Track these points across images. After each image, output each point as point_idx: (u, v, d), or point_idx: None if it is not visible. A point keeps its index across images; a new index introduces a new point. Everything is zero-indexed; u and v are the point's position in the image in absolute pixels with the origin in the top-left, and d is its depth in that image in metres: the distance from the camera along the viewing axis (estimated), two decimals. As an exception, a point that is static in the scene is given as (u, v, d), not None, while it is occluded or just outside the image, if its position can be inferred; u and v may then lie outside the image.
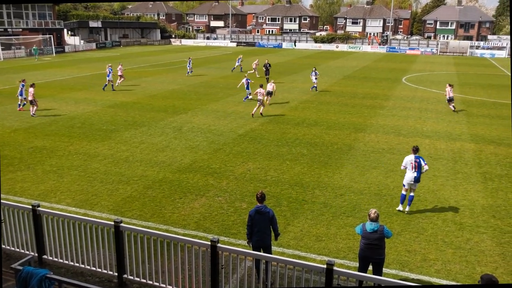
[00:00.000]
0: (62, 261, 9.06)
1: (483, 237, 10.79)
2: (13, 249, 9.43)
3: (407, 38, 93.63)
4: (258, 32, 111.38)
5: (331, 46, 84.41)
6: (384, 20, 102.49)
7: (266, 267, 7.72)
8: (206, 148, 17.74)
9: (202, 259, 7.91)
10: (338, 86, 34.73)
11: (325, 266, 6.94)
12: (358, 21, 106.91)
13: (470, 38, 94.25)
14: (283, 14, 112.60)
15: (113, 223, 8.26)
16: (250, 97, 27.34)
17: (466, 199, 13.03)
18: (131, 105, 25.99)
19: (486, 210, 12.31)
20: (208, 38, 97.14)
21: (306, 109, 25.62)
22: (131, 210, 12.00)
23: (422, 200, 12.90)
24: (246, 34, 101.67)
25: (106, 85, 31.02)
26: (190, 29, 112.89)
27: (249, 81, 27.52)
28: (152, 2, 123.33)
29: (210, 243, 7.64)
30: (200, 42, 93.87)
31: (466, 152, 17.78)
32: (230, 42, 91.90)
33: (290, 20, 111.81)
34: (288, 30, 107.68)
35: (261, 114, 23.31)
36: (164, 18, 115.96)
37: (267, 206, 8.68)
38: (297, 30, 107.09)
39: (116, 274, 8.62)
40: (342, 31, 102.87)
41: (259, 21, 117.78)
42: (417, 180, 11.83)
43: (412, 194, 12.00)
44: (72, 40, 74.24)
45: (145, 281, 8.44)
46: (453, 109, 25.56)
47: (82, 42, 75.46)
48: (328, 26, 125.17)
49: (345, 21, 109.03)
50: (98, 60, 54.39)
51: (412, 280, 8.95)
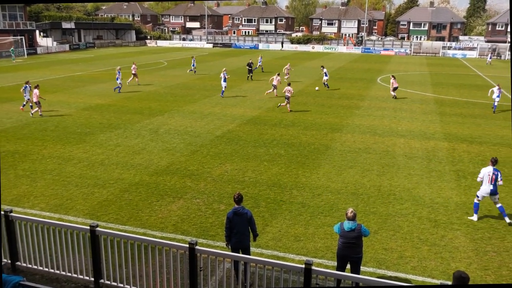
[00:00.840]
0: (36, 267, 8.87)
1: (457, 233, 11.03)
2: (-16, 256, 9.18)
3: (382, 39, 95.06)
4: (234, 33, 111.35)
5: (307, 47, 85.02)
6: (358, 21, 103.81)
7: (245, 268, 7.72)
8: (183, 150, 17.63)
9: (180, 262, 7.85)
10: (314, 87, 34.95)
11: (303, 266, 6.97)
12: (333, 22, 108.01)
13: (442, 39, 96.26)
14: (259, 15, 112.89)
15: (88, 228, 8.13)
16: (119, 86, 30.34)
17: (440, 197, 13.29)
18: (106, 107, 25.63)
19: (459, 207, 12.58)
20: (184, 39, 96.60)
21: (283, 109, 25.72)
22: (107, 214, 11.83)
23: (398, 198, 13.10)
24: (222, 35, 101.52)
25: (117, 87, 30.74)
26: (166, 30, 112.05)
27: (226, 75, 29.60)
28: (126, 3, 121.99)
29: (188, 246, 7.59)
30: (176, 43, 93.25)
31: (439, 150, 18.13)
32: (206, 43, 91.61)
33: (266, 21, 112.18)
34: (264, 31, 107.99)
35: (288, 110, 25.00)
36: (139, 19, 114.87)
37: (245, 207, 8.68)
38: (273, 31, 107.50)
39: (92, 279, 8.48)
40: (318, 32, 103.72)
41: (235, 22, 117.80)
42: (493, 193, 11.51)
43: (498, 205, 11.66)
44: (44, 41, 72.72)
45: (122, 285, 8.32)
46: (394, 96, 30.07)
47: (55, 43, 73.99)
48: (304, 27, 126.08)
49: (320, 22, 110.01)
50: (71, 61, 53.47)
51: (389, 277, 9.07)
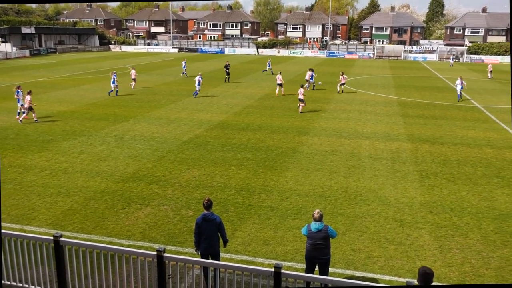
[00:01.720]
0: (-3, 281, 8.53)
1: (422, 232, 11.30)
2: None
3: (345, 43, 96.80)
4: (200, 38, 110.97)
5: (273, 51, 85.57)
6: (323, 25, 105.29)
7: (214, 274, 7.66)
8: (150, 156, 17.39)
9: (148, 270, 7.72)
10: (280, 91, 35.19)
11: (273, 270, 6.99)
12: (298, 26, 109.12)
13: (403, 43, 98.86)
14: (225, 20, 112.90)
15: (52, 238, 7.89)
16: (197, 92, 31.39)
17: (405, 197, 13.60)
18: (69, 114, 25.02)
19: (423, 206, 12.91)
20: (149, 44, 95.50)
21: (250, 114, 25.78)
22: (72, 223, 11.52)
23: (365, 199, 13.32)
24: (188, 40, 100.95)
25: (112, 91, 31.51)
26: (130, 35, 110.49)
27: (201, 79, 31.52)
28: (89, 8, 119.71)
29: (156, 253, 7.48)
30: (141, 48, 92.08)
31: (403, 151, 18.57)
32: (172, 48, 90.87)
33: (232, 26, 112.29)
34: (230, 36, 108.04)
35: (300, 112, 26.31)
36: (102, 24, 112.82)
37: (214, 213, 8.63)
38: (239, 36, 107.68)
39: (57, 291, 8.22)
40: (283, 37, 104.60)
41: (201, 27, 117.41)
42: None
43: None
44: (3, 47, 70.34)
45: (88, 296, 8.10)
46: (340, 90, 34.29)
47: (14, 49, 71.68)
48: (269, 32, 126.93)
49: (285, 26, 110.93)
50: (32, 67, 51.95)
51: (357, 278, 9.20)
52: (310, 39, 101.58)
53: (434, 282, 6.89)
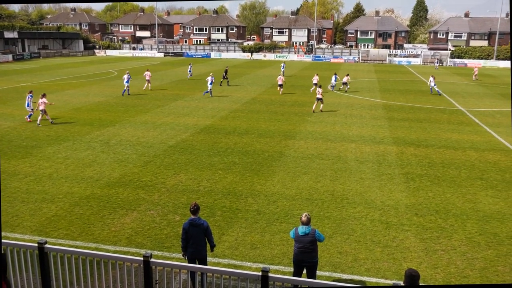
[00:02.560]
0: (-20, 289, 8.38)
1: (408, 234, 11.40)
2: None
3: (331, 47, 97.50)
4: (185, 42, 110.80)
5: (259, 55, 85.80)
6: (308, 29, 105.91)
7: (201, 279, 7.63)
8: (136, 161, 17.27)
9: (135, 276, 7.66)
10: (267, 95, 35.33)
11: (260, 274, 6.98)
12: (284, 30, 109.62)
13: (388, 47, 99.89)
14: (210, 24, 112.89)
15: (36, 245, 7.77)
16: (207, 92, 33.46)
17: (391, 199, 13.71)
18: (54, 119, 24.73)
19: (409, 209, 13.03)
20: (134, 49, 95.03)
21: (236, 118, 25.79)
22: (57, 229, 11.38)
23: (351, 202, 13.40)
24: (173, 44, 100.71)
25: (125, 90, 33.96)
26: (115, 39, 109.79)
27: (213, 79, 33.76)
28: (73, 12, 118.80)
29: (142, 259, 7.42)
30: (126, 52, 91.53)
31: (389, 154, 18.73)
32: (158, 52, 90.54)
33: (218, 30, 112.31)
34: (215, 40, 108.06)
35: (321, 110, 27.95)
36: (87, 28, 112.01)
37: (201, 218, 8.60)
38: (224, 40, 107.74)
39: (42, 299, 8.10)
40: (269, 41, 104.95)
41: (186, 31, 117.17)
42: None
43: None
44: (-15, 51, 69.49)
45: (74, 303, 8.00)
46: (312, 89, 36.19)
47: (-3, 53, 70.86)
48: (255, 36, 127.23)
49: (271, 30, 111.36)
50: (15, 72, 51.30)
51: (344, 280, 9.24)
52: (296, 43, 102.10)
53: (421, 283, 6.95)
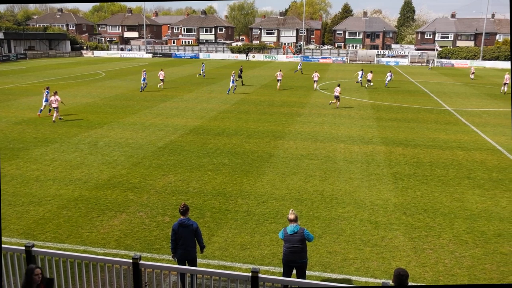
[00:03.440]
0: (-34, 294, 8.26)
1: (396, 233, 11.48)
2: None
3: (319, 47, 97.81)
4: (174, 43, 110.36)
5: (245, 56, 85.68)
6: (297, 30, 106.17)
7: (191, 280, 7.60)
8: (125, 162, 17.17)
9: (124, 278, 7.62)
10: (256, 95, 35.36)
11: (250, 274, 6.98)
12: (273, 31, 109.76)
13: (376, 47, 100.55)
14: (199, 24, 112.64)
15: (24, 248, 7.69)
16: (233, 89, 36.04)
17: (379, 199, 13.80)
18: (41, 121, 24.50)
19: (398, 208, 13.12)
20: (122, 50, 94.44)
21: (225, 118, 25.76)
22: (45, 232, 11.27)
23: (340, 202, 13.46)
24: (162, 45, 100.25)
25: (143, 87, 36.20)
26: (103, 40, 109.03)
27: (234, 77, 36.30)
28: (60, 13, 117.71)
29: (132, 261, 7.38)
30: (114, 53, 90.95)
31: (377, 154, 18.85)
32: (146, 53, 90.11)
33: (206, 30, 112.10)
34: (204, 41, 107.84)
35: (337, 107, 29.84)
36: (74, 29, 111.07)
37: (191, 219, 8.58)
38: (213, 41, 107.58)
39: (29, 302, 8.00)
40: (258, 41, 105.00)
41: (175, 31, 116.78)
42: None
43: None
44: (-30, 52, 68.57)
45: (62, 307, 7.93)
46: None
47: (-18, 54, 69.97)
48: (244, 37, 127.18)
49: (260, 31, 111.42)
50: (1, 74, 50.67)
51: (334, 280, 9.28)
52: (285, 44, 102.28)
53: (410, 282, 7.00)
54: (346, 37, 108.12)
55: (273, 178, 15.53)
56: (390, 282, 6.71)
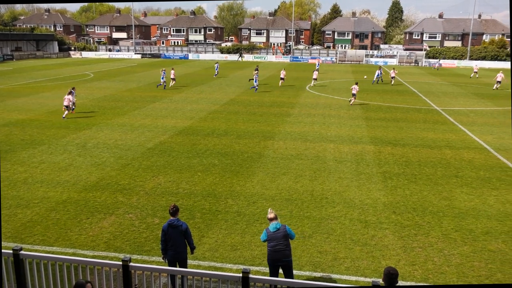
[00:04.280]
0: (-48, 298, 8.15)
1: (386, 232, 11.55)
2: None
3: (309, 48, 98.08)
4: (163, 43, 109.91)
5: (237, 56, 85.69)
6: (286, 30, 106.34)
7: (182, 282, 7.58)
8: (114, 164, 17.06)
9: (114, 281, 7.57)
10: (245, 96, 35.34)
11: (241, 275, 6.98)
12: (262, 31, 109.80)
13: (365, 47, 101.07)
14: (188, 25, 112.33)
15: (11, 251, 7.60)
16: (256, 87, 37.48)
17: (369, 198, 13.87)
18: (28, 122, 24.25)
19: (387, 207, 13.20)
20: (110, 50, 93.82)
21: (215, 119, 25.72)
22: (33, 235, 11.15)
23: (330, 202, 13.50)
24: (151, 46, 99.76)
25: (160, 85, 38.84)
26: (91, 41, 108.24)
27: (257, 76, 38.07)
28: (47, 13, 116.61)
29: (121, 263, 7.33)
30: (102, 54, 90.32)
31: (367, 154, 18.94)
32: (135, 54, 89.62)
33: (195, 31, 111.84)
34: (193, 41, 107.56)
35: (350, 104, 31.25)
36: (61, 29, 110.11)
37: (181, 220, 8.55)
38: (202, 41, 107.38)
39: (17, 306, 7.92)
40: (247, 42, 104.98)
41: (164, 32, 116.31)
42: None
43: None
44: (-44, 54, 67.64)
45: (51, 310, 7.85)
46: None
47: (-32, 56, 69.08)
48: (233, 37, 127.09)
49: (249, 32, 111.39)
50: (-12, 75, 50.10)
51: (324, 279, 9.30)
52: (274, 44, 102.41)
53: (399, 280, 7.04)
54: (335, 37, 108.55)
55: (263, 179, 15.54)
56: (380, 281, 6.75)
